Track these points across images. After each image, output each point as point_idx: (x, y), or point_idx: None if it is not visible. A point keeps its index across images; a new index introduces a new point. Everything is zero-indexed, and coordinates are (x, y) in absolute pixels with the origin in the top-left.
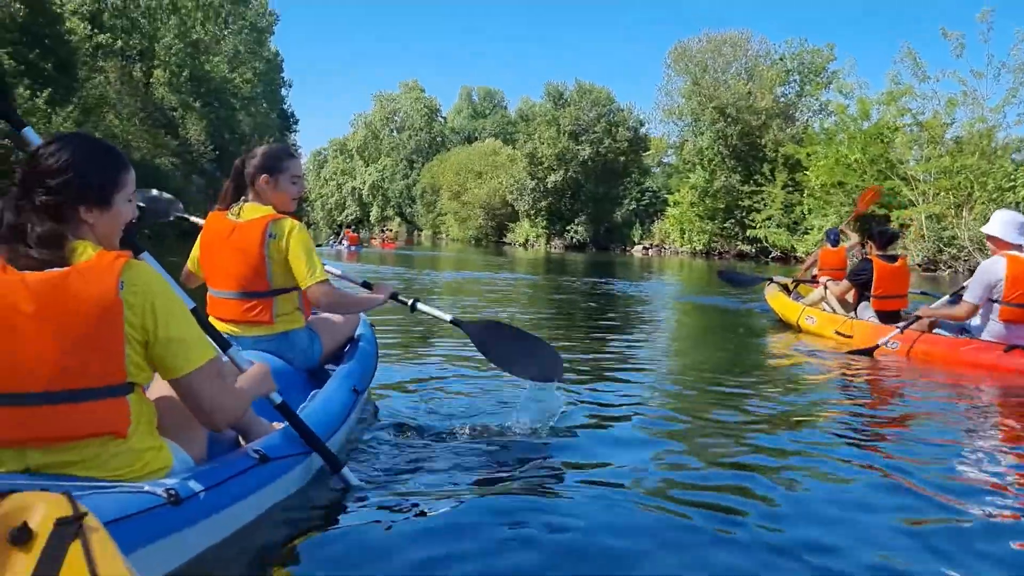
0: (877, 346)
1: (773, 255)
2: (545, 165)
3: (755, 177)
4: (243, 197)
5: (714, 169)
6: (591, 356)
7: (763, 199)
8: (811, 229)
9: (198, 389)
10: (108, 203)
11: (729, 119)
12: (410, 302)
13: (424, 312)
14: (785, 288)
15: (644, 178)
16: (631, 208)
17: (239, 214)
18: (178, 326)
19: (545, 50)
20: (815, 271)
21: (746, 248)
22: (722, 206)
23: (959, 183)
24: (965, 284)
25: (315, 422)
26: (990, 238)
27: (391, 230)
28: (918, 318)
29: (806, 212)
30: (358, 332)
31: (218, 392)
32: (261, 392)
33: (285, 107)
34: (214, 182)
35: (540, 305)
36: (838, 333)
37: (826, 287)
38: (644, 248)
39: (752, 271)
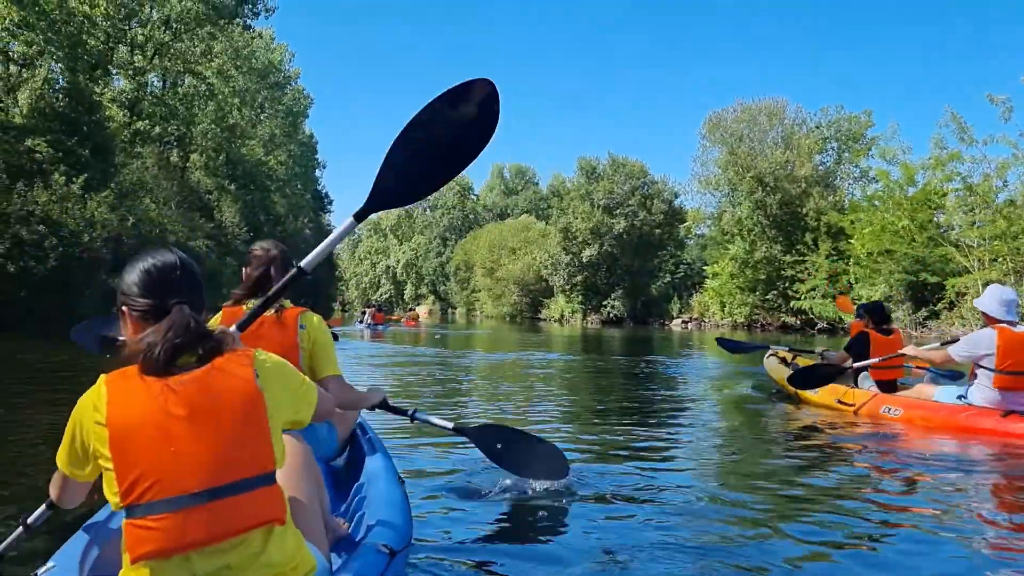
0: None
1: (819, 326)
2: (579, 239)
3: (797, 247)
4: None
5: (754, 239)
6: (618, 444)
7: (806, 269)
8: (859, 299)
9: (330, 391)
10: (201, 309)
11: (768, 188)
12: (409, 412)
13: (423, 421)
14: (783, 360)
15: (680, 251)
16: (668, 281)
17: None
18: (305, 398)
19: (576, 125)
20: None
21: (790, 320)
22: (763, 277)
23: (1017, 247)
24: (958, 337)
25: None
26: (984, 314)
27: (413, 309)
28: (902, 354)
29: (852, 281)
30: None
31: (345, 394)
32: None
33: (319, 188)
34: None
35: (577, 389)
36: (840, 402)
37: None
38: (683, 322)
39: (797, 343)
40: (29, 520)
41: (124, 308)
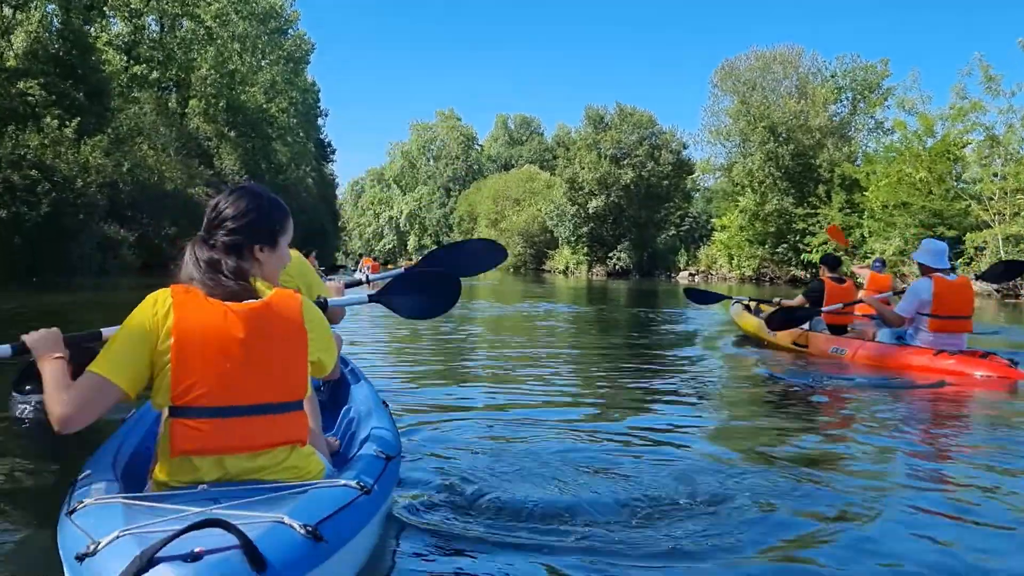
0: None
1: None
2: (586, 190)
3: (809, 199)
4: None
5: (765, 191)
6: (626, 395)
7: (818, 222)
8: (872, 253)
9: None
10: (275, 244)
11: (780, 139)
12: (365, 281)
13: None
14: (747, 307)
15: (687, 203)
16: (675, 233)
17: None
18: (332, 347)
19: (582, 75)
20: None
21: (800, 273)
22: (772, 230)
23: None
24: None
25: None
26: (920, 264)
27: (412, 259)
28: (859, 301)
29: (866, 235)
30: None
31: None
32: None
33: (322, 136)
34: None
35: (583, 339)
36: (795, 344)
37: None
38: (690, 274)
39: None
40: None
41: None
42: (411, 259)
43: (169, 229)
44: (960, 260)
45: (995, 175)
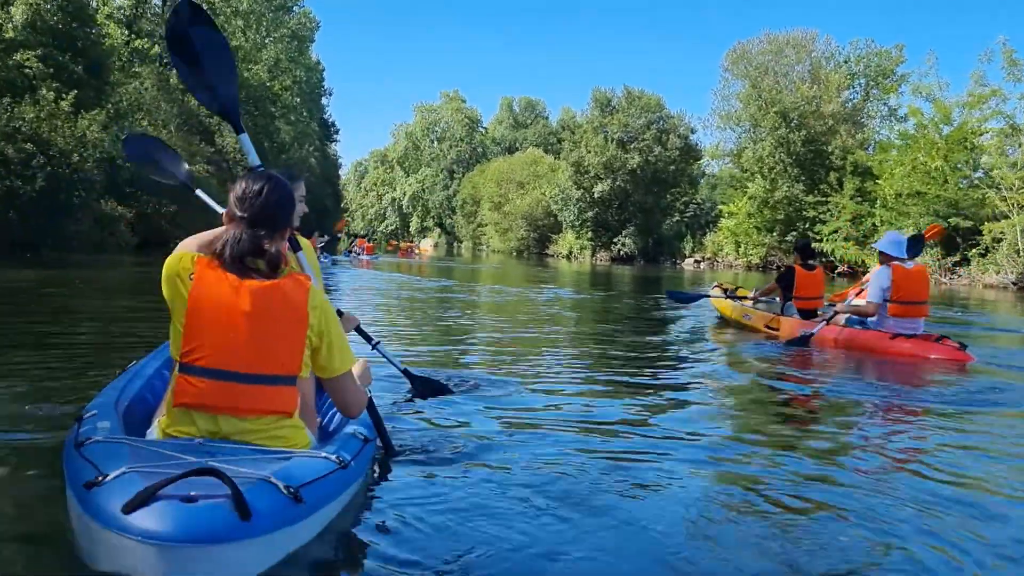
0: (810, 334)
1: (840, 270)
2: (591, 174)
3: (820, 186)
4: None
5: (775, 178)
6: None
7: (829, 210)
8: None
9: (344, 386)
10: (287, 229)
11: (792, 124)
12: (374, 342)
13: (381, 354)
14: (725, 291)
15: (694, 188)
16: (681, 219)
17: None
18: (339, 338)
19: (589, 58)
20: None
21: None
22: (781, 217)
23: None
24: (865, 286)
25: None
26: (880, 253)
27: (409, 241)
28: (836, 313)
29: (878, 224)
30: None
31: (356, 390)
32: (367, 385)
33: (326, 116)
34: None
35: (586, 327)
36: (768, 327)
37: (756, 300)
38: (696, 261)
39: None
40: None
41: (227, 215)
42: (412, 240)
43: (169, 207)
44: (975, 251)
45: (1014, 164)
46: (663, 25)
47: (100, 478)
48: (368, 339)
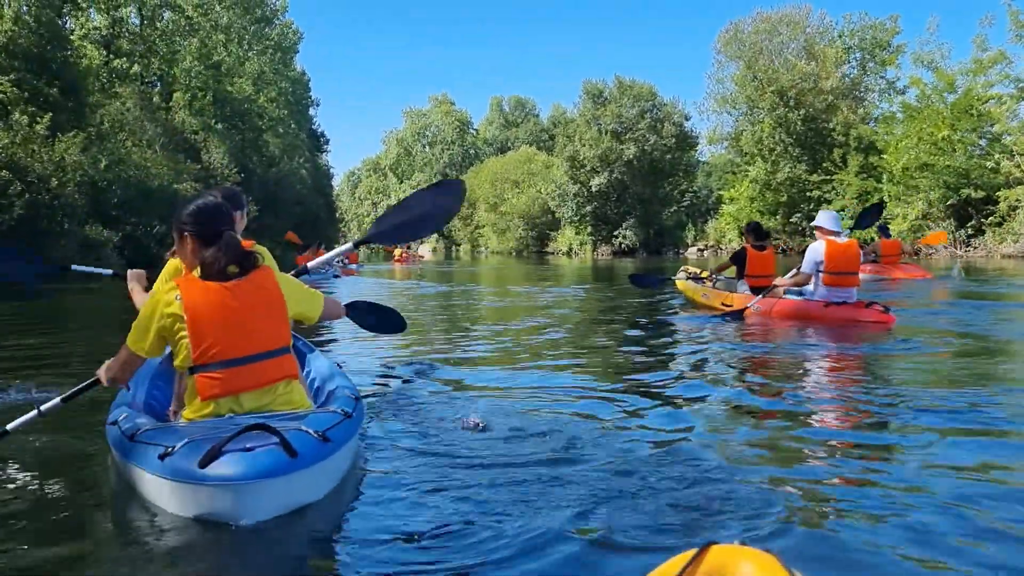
0: (745, 308)
1: (864, 252)
2: (587, 168)
3: (824, 165)
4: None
5: (776, 159)
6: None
7: (834, 188)
8: (893, 218)
9: (328, 313)
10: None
11: (790, 103)
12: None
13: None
14: (690, 276)
15: (691, 176)
16: (680, 209)
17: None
18: (303, 292)
19: (577, 52)
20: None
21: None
22: (784, 199)
23: None
24: (800, 263)
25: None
26: (817, 228)
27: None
28: (774, 287)
29: (886, 199)
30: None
31: (335, 314)
32: (340, 314)
33: (314, 127)
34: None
35: (592, 325)
36: (723, 304)
37: (714, 279)
38: (699, 249)
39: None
40: (43, 408)
41: (185, 233)
42: (409, 246)
43: (158, 227)
44: (991, 220)
45: None
46: (651, 12)
47: (169, 449)
48: (362, 324)
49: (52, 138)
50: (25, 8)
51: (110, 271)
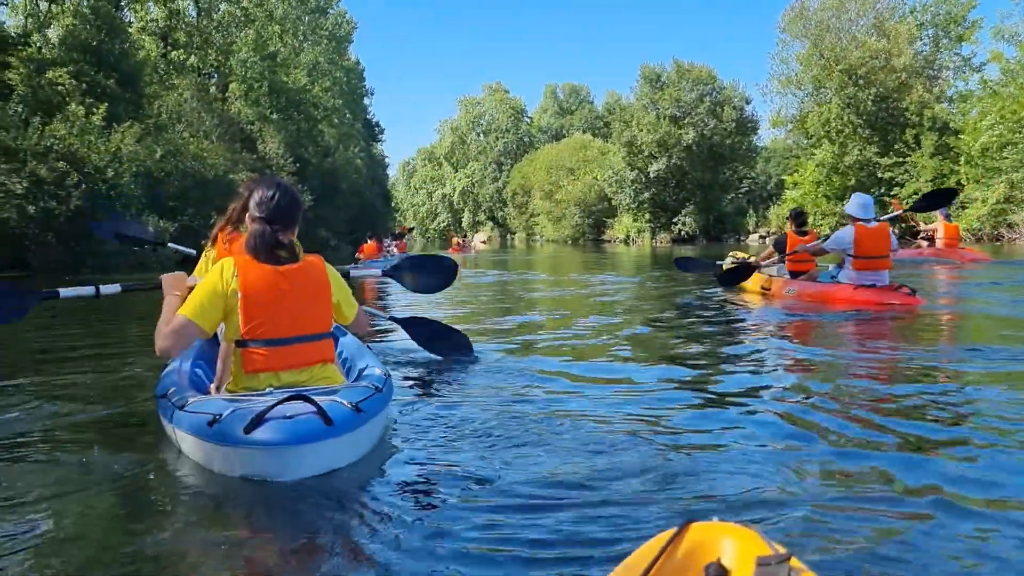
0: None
1: (923, 234)
2: (645, 153)
3: (896, 146)
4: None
5: (844, 141)
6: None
7: (907, 171)
8: (972, 202)
9: (358, 322)
10: (296, 225)
11: (860, 82)
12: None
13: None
14: (737, 260)
15: (752, 161)
16: (740, 194)
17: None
18: (347, 294)
19: (632, 38)
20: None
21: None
22: (853, 183)
23: None
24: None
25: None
26: (848, 215)
27: (465, 235)
28: (794, 251)
29: (964, 183)
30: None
31: (364, 323)
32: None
33: (369, 116)
34: None
35: (633, 313)
36: (762, 288)
37: (760, 266)
38: (761, 236)
39: (920, 255)
40: (102, 288)
41: (251, 216)
42: (466, 235)
43: (215, 218)
44: None
45: None
46: None
47: (217, 417)
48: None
49: (108, 129)
50: (84, 1)
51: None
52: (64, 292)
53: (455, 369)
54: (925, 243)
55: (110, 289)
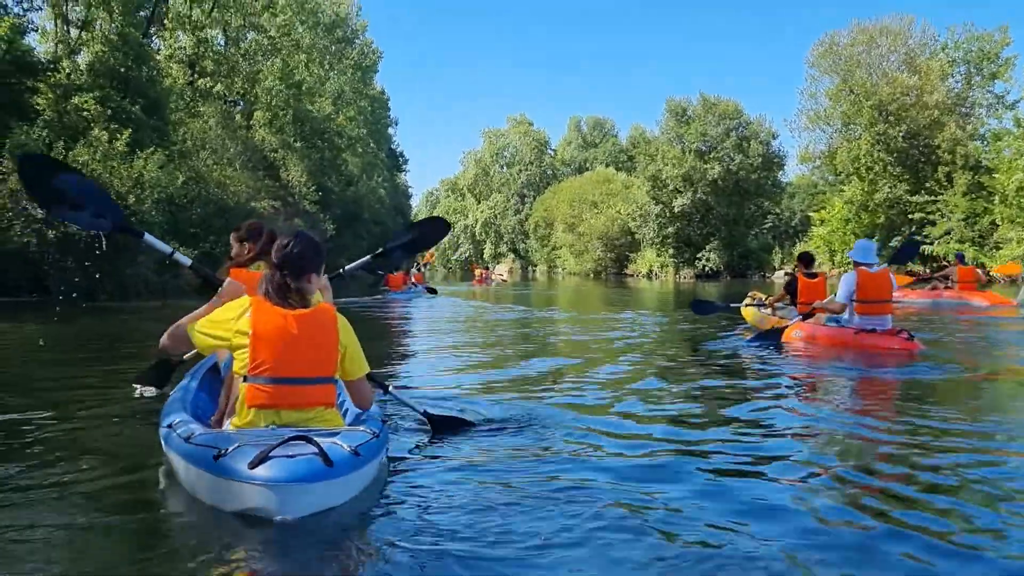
0: (781, 330)
1: (940, 275)
2: (670, 188)
3: (927, 184)
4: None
5: (874, 178)
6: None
7: (939, 209)
8: (1007, 242)
9: (360, 386)
10: (319, 273)
11: (891, 119)
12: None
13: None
14: (759, 303)
15: (779, 196)
16: (759, 230)
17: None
18: (357, 349)
19: (657, 71)
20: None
21: (918, 268)
22: (882, 221)
23: None
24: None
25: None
26: (852, 260)
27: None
28: (812, 311)
29: (997, 222)
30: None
31: (368, 390)
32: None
33: (393, 146)
34: (317, 224)
35: (649, 356)
36: (773, 328)
37: (774, 307)
38: (786, 273)
39: (937, 297)
40: (175, 255)
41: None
42: (487, 267)
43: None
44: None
45: None
46: (735, 27)
47: (222, 451)
48: (383, 386)
49: (131, 155)
50: (114, 28)
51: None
52: (148, 238)
53: (475, 407)
54: (941, 284)
55: (182, 259)
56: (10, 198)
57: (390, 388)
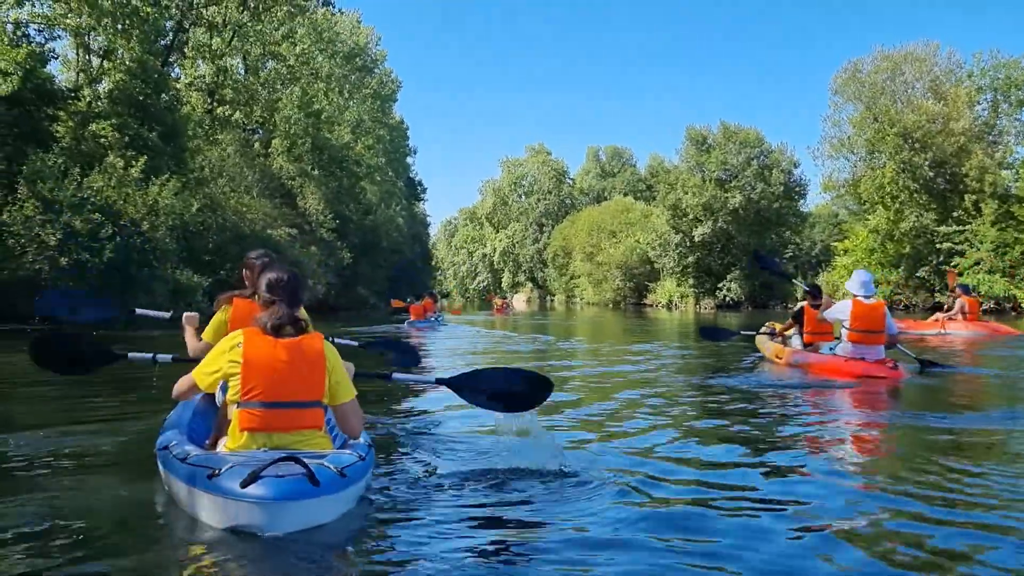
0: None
1: (986, 306)
2: (690, 217)
3: (955, 214)
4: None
5: (900, 207)
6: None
7: (968, 239)
8: None
9: (349, 412)
10: (302, 303)
11: (917, 146)
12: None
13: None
14: (771, 332)
15: (800, 226)
16: (788, 259)
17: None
18: (343, 375)
19: (676, 100)
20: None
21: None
22: (908, 251)
23: None
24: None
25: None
26: (848, 292)
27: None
28: (817, 346)
29: None
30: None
31: (357, 416)
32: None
33: (412, 175)
34: (334, 252)
35: (672, 399)
36: (776, 356)
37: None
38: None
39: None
40: (159, 357)
41: (261, 296)
42: (505, 297)
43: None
44: None
45: None
46: (754, 57)
47: (216, 471)
48: (387, 376)
49: (147, 182)
50: (132, 56)
51: (167, 314)
52: (132, 355)
53: (441, 437)
54: (942, 315)
55: (164, 357)
56: (24, 225)
57: (393, 375)
